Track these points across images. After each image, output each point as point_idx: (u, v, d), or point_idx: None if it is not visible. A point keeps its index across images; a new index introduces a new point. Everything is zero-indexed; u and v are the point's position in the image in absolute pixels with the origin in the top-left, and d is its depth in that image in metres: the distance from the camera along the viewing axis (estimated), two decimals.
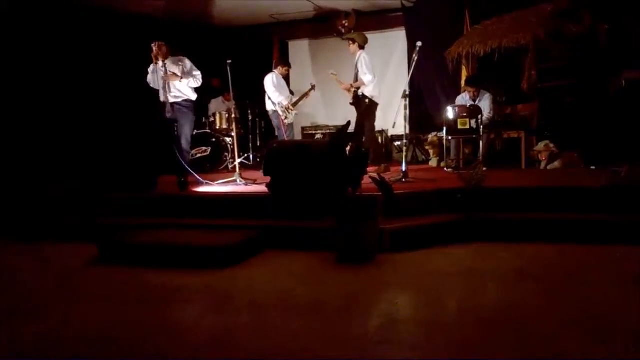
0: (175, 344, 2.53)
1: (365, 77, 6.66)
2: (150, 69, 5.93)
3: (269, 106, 7.68)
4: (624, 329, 2.51)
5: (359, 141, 6.95)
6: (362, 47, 6.94)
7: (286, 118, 7.49)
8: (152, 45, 5.82)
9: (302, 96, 7.97)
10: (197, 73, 6.12)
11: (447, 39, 8.20)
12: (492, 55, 7.49)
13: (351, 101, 7.00)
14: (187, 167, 5.75)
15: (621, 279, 3.35)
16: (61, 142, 6.96)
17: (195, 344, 2.52)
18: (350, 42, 7.01)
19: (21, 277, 3.91)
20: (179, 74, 5.94)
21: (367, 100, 6.71)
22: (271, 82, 7.57)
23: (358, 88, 6.84)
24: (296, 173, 4.73)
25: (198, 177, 5.82)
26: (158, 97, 6.03)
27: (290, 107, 7.51)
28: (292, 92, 7.92)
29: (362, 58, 6.76)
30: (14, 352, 2.50)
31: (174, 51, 6.10)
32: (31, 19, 7.17)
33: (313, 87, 8.00)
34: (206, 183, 5.88)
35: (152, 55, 5.81)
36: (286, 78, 8.03)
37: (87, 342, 2.58)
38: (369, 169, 5.40)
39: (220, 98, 9.36)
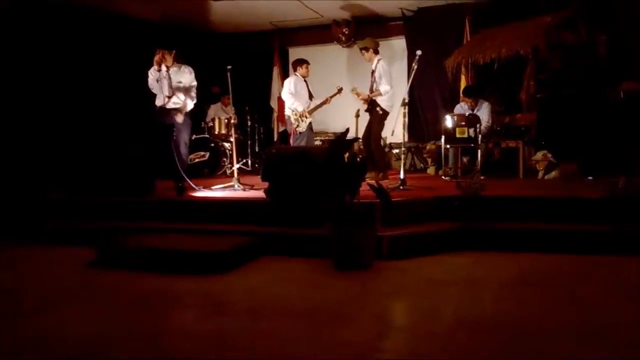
0: (171, 349, 2.52)
1: (383, 87, 6.61)
2: (153, 74, 5.92)
3: (287, 111, 7.55)
4: (621, 338, 2.51)
5: (366, 146, 6.96)
6: (376, 52, 6.87)
7: (298, 126, 7.36)
8: (157, 52, 5.81)
9: (322, 102, 7.58)
10: (194, 95, 6.13)
11: (446, 48, 8.25)
12: (491, 65, 7.51)
13: (366, 108, 6.97)
14: (182, 173, 5.71)
15: (618, 289, 3.35)
16: (60, 146, 6.94)
17: (191, 348, 2.51)
18: (364, 51, 6.92)
19: (18, 280, 3.90)
20: (185, 83, 5.96)
21: (378, 109, 6.70)
22: (288, 87, 7.42)
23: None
24: (294, 179, 4.72)
25: (192, 184, 5.78)
26: (154, 101, 6.04)
27: (305, 115, 7.37)
28: (311, 97, 7.60)
29: (382, 67, 6.65)
30: (10, 353, 2.49)
31: (179, 58, 6.10)
32: (29, 22, 7.17)
33: (339, 91, 7.51)
34: (199, 189, 5.84)
35: (155, 61, 5.81)
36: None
37: (82, 346, 2.56)
38: (367, 176, 5.42)
39: (219, 103, 9.38)
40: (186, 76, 6.06)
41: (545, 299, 3.16)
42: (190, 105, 6.03)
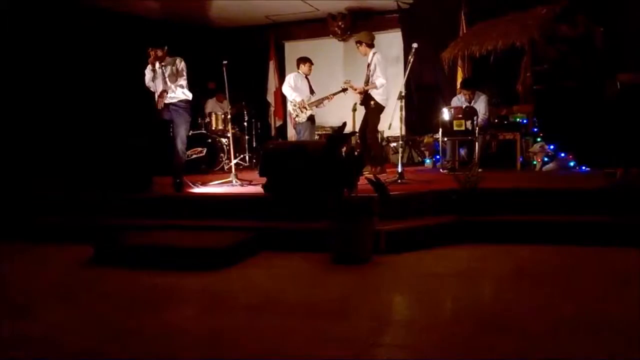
0: (170, 345, 2.52)
1: (378, 80, 6.59)
2: (149, 73, 5.90)
3: (288, 105, 7.60)
4: (620, 330, 2.52)
5: (362, 141, 6.95)
6: (371, 46, 6.87)
7: (297, 116, 7.42)
8: (150, 51, 5.79)
9: (324, 97, 7.56)
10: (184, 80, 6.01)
11: (443, 41, 8.22)
12: (487, 57, 7.50)
13: (360, 101, 6.97)
14: (178, 170, 5.70)
15: (616, 280, 3.36)
16: (58, 143, 6.93)
17: (190, 345, 2.51)
18: (359, 45, 6.91)
19: (15, 278, 3.89)
20: (175, 73, 5.91)
21: (372, 102, 6.69)
22: (288, 81, 7.49)
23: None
24: (292, 174, 4.72)
25: (189, 181, 5.76)
26: (153, 98, 6.02)
27: (305, 106, 7.39)
28: (312, 92, 7.58)
29: (376, 60, 6.63)
30: (8, 353, 2.49)
31: (171, 53, 6.06)
32: (30, 19, 7.15)
33: (343, 90, 7.44)
34: (196, 185, 5.83)
35: (149, 61, 5.79)
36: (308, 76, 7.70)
37: (80, 343, 2.57)
38: (365, 170, 5.41)
39: (215, 98, 9.34)
40: (177, 66, 6.00)
41: (543, 291, 3.17)
42: (180, 92, 5.94)
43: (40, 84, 7.16)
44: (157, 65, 5.81)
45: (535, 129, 7.57)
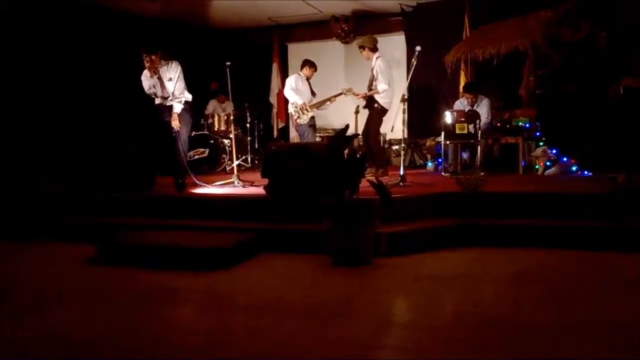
0: (171, 345, 2.52)
1: (380, 86, 6.59)
2: (147, 81, 5.91)
3: (289, 107, 7.63)
4: (619, 334, 2.52)
5: (365, 143, 6.96)
6: (374, 50, 6.87)
7: (299, 117, 7.42)
8: (144, 57, 5.79)
9: (325, 99, 7.58)
10: (182, 93, 6.00)
11: (446, 44, 8.21)
12: (490, 61, 7.50)
13: (364, 104, 6.98)
14: (181, 168, 5.72)
15: (617, 284, 3.36)
16: (60, 142, 6.94)
17: (190, 345, 2.52)
18: (361, 49, 6.91)
19: (18, 276, 3.90)
20: (173, 79, 5.92)
21: (376, 106, 6.70)
22: (289, 84, 7.49)
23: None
24: (294, 175, 4.73)
25: (195, 179, 5.81)
26: (154, 99, 6.04)
27: (307, 108, 7.40)
28: (314, 94, 7.62)
29: (379, 65, 6.63)
30: (10, 351, 2.49)
31: (170, 55, 6.07)
32: (30, 18, 7.16)
33: (343, 92, 7.54)
34: (202, 185, 5.86)
35: (147, 68, 5.81)
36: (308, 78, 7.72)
37: (82, 342, 2.57)
38: (367, 172, 5.41)
39: (216, 99, 9.36)
40: (172, 72, 6.01)
41: (543, 295, 3.17)
42: (178, 107, 5.96)
43: (43, 83, 7.17)
44: (154, 71, 5.82)
45: (538, 133, 7.56)
